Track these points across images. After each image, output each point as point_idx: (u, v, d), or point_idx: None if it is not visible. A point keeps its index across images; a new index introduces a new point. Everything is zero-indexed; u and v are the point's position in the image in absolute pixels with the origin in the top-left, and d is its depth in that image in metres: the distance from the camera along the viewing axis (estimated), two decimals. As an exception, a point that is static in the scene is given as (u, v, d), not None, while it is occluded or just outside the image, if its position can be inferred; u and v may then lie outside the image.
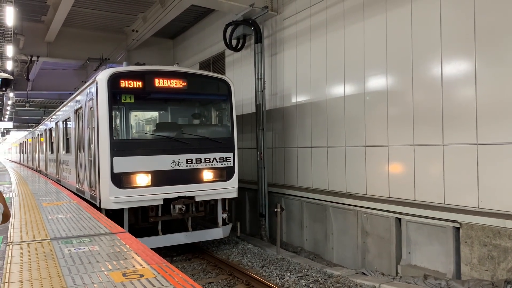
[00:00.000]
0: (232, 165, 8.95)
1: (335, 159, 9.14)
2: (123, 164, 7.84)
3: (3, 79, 9.67)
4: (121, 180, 7.78)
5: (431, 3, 6.99)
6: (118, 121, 8.41)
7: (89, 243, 4.24)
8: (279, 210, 9.07)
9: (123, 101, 8.14)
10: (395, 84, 7.71)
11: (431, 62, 7.01)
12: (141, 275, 3.12)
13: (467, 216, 6.27)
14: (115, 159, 7.77)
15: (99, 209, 7.62)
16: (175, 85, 8.47)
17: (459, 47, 6.60)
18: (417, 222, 7.06)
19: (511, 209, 5.94)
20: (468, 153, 6.45)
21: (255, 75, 10.94)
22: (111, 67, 8.74)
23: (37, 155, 20.84)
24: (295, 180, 10.49)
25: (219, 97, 9.38)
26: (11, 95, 20.82)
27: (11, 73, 13.58)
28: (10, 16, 8.93)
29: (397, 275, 7.26)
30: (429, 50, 7.03)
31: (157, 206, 8.20)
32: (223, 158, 8.82)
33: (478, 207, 6.32)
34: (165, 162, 8.17)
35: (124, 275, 3.15)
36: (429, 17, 7.03)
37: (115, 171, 7.75)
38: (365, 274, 7.51)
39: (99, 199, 7.95)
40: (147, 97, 8.71)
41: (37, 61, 16.03)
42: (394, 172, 7.74)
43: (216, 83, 9.21)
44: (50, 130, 15.70)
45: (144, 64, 9.25)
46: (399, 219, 7.38)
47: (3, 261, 3.65)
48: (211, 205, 9.12)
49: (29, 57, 15.63)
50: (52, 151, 15.06)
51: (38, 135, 20.31)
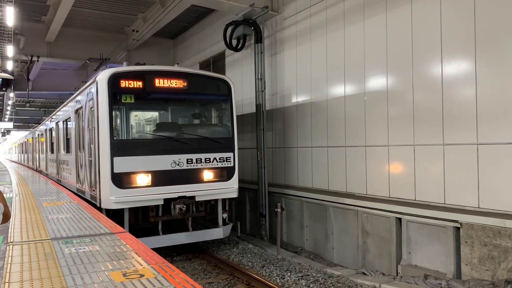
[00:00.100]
0: (232, 165, 8.95)
1: (336, 159, 9.14)
2: (124, 164, 7.85)
3: (3, 79, 9.68)
4: (121, 180, 7.78)
5: (431, 3, 6.99)
6: (118, 121, 8.42)
7: (89, 243, 4.24)
8: (279, 210, 9.08)
9: (123, 101, 8.14)
10: (395, 84, 7.70)
11: (431, 62, 7.01)
12: (142, 275, 3.13)
13: (468, 216, 6.27)
14: (115, 159, 7.78)
15: (99, 209, 7.62)
16: (175, 85, 8.47)
17: (459, 47, 6.60)
18: (417, 222, 7.06)
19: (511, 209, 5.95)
20: (468, 153, 6.45)
21: (255, 75, 10.94)
22: (111, 67, 8.75)
23: (37, 155, 20.85)
24: (295, 180, 10.49)
25: (219, 97, 9.39)
26: (12, 95, 20.83)
27: (12, 73, 13.58)
28: (10, 16, 8.93)
29: (397, 275, 7.26)
30: (429, 50, 7.03)
31: (158, 206, 8.21)
32: (223, 158, 8.82)
33: (478, 207, 6.31)
34: (166, 162, 8.18)
35: (124, 275, 3.15)
36: (429, 17, 7.03)
37: (115, 171, 7.76)
38: (365, 274, 7.51)
39: (100, 199, 7.95)
40: (148, 97, 8.72)
41: (38, 61, 16.04)
42: (394, 172, 7.74)
43: (216, 83, 9.21)
44: (50, 130, 15.71)
45: (144, 64, 9.24)
46: (400, 219, 7.38)
47: (4, 261, 3.66)
48: (211, 205, 9.13)
49: (30, 57, 15.63)
50: (52, 151, 15.07)
51: (38, 135, 20.32)
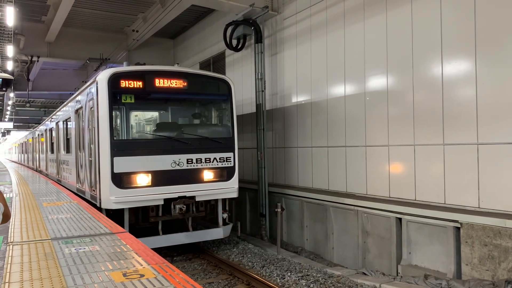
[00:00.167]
0: (232, 165, 8.95)
1: (336, 159, 9.13)
2: (124, 164, 7.84)
3: (3, 79, 9.68)
4: (121, 180, 7.78)
5: (432, 3, 6.98)
6: (118, 121, 8.41)
7: (89, 243, 4.24)
8: (279, 210, 9.08)
9: (123, 101, 8.14)
10: (396, 84, 7.70)
11: (432, 62, 7.01)
12: (142, 275, 3.12)
13: (468, 216, 6.27)
14: (115, 159, 7.78)
15: (99, 209, 7.62)
16: (176, 85, 8.47)
17: (459, 47, 6.60)
18: (417, 222, 7.06)
19: (512, 209, 5.95)
20: (468, 153, 6.45)
21: (256, 75, 10.93)
22: (112, 67, 8.74)
23: (37, 155, 20.85)
24: (295, 180, 10.48)
25: (219, 97, 9.39)
26: (12, 95, 20.83)
27: (12, 73, 13.59)
28: (10, 16, 8.93)
29: (397, 275, 7.26)
30: (430, 50, 7.03)
31: (158, 206, 8.21)
32: (224, 158, 8.82)
33: (478, 207, 6.31)
34: (166, 162, 8.17)
35: (124, 275, 3.15)
36: (429, 17, 7.03)
37: (115, 171, 7.76)
38: (365, 274, 7.51)
39: (100, 199, 7.95)
40: (148, 97, 8.71)
41: (38, 61, 16.03)
42: (394, 172, 7.74)
43: (216, 83, 9.21)
44: (50, 130, 15.71)
45: (144, 64, 9.24)
46: (400, 219, 7.38)
47: (4, 261, 3.66)
48: (211, 205, 9.12)
49: (30, 57, 15.63)
50: (52, 151, 15.07)
51: (38, 135, 20.32)
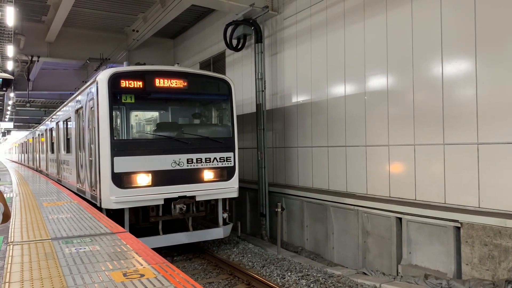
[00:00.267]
0: (232, 165, 8.95)
1: (336, 159, 9.13)
2: (124, 164, 7.85)
3: (3, 79, 9.68)
4: (121, 180, 7.78)
5: (432, 2, 6.98)
6: (118, 121, 8.41)
7: (89, 243, 4.24)
8: (279, 210, 9.08)
9: (123, 101, 8.14)
10: (396, 83, 7.70)
11: (432, 61, 7.00)
12: (142, 275, 3.12)
13: (468, 215, 6.27)
14: (115, 159, 7.78)
15: (99, 209, 7.62)
16: (176, 85, 8.47)
17: (459, 47, 6.59)
18: (417, 221, 7.06)
19: (512, 208, 5.95)
20: (468, 152, 6.44)
21: (256, 75, 10.93)
22: (112, 67, 8.74)
23: (37, 155, 20.85)
24: (295, 180, 10.48)
25: (219, 97, 9.39)
26: (12, 95, 20.83)
27: (12, 73, 13.58)
28: (10, 16, 8.93)
29: (397, 275, 7.26)
30: (430, 49, 7.02)
31: (158, 206, 8.22)
32: (224, 158, 8.82)
33: (479, 207, 6.31)
34: (166, 162, 8.17)
35: (124, 275, 3.15)
36: (429, 16, 7.03)
37: (115, 171, 7.76)
38: (365, 274, 7.51)
39: (100, 199, 7.95)
40: (148, 97, 8.71)
41: (38, 61, 16.03)
42: (394, 171, 7.74)
43: (216, 83, 9.21)
44: (50, 130, 15.71)
45: (144, 64, 9.24)
46: (400, 219, 7.37)
47: (4, 261, 3.66)
48: (211, 205, 9.13)
49: (30, 57, 15.63)
50: (52, 151, 15.07)
51: (38, 135, 20.32)
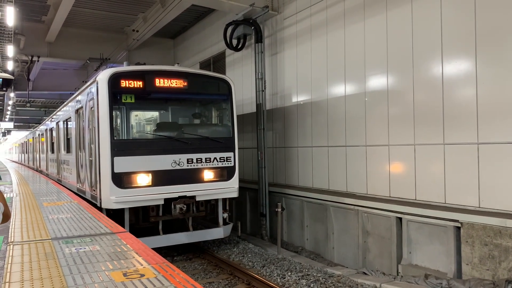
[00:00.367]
0: (232, 164, 8.95)
1: (336, 159, 9.13)
2: (124, 164, 7.85)
3: (3, 79, 9.68)
4: (121, 180, 7.78)
5: (432, 2, 6.98)
6: (118, 121, 8.41)
7: (89, 243, 4.24)
8: (279, 209, 9.08)
9: (123, 101, 8.14)
10: (396, 83, 7.70)
11: (432, 61, 7.00)
12: (142, 275, 3.12)
13: (468, 215, 6.27)
14: (115, 159, 7.78)
15: (99, 209, 7.62)
16: (176, 85, 8.47)
17: (459, 47, 6.59)
18: (418, 221, 7.06)
19: (512, 208, 5.94)
20: (469, 152, 6.44)
21: (256, 74, 10.93)
22: (112, 67, 8.74)
23: (38, 155, 20.86)
24: (295, 179, 10.48)
25: (219, 97, 9.39)
26: (12, 95, 20.83)
27: (12, 73, 13.58)
28: (10, 16, 8.92)
29: (398, 275, 7.26)
30: (430, 49, 7.02)
31: (158, 206, 8.22)
32: (224, 157, 8.82)
33: (479, 207, 6.31)
34: (166, 162, 8.17)
35: (124, 274, 3.15)
36: (429, 16, 7.02)
37: (115, 171, 7.76)
38: (366, 273, 7.51)
39: (100, 199, 7.95)
40: (148, 97, 8.71)
41: (38, 61, 16.03)
42: (394, 171, 7.74)
43: (216, 82, 9.21)
44: (51, 130, 15.71)
45: (144, 64, 9.24)
46: (400, 219, 7.37)
47: (4, 261, 3.66)
48: (211, 204, 9.13)
49: (30, 57, 15.63)
50: (53, 151, 15.07)
51: (38, 135, 20.33)
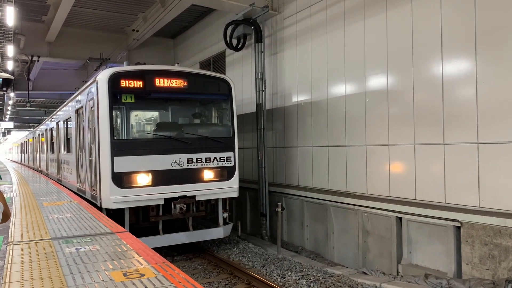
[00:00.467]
0: (232, 164, 8.95)
1: (336, 159, 9.13)
2: (124, 163, 7.85)
3: (3, 79, 9.68)
4: (121, 179, 7.78)
5: (432, 2, 6.97)
6: (118, 120, 8.41)
7: (90, 242, 4.24)
8: (279, 209, 9.08)
9: (123, 101, 8.14)
10: (396, 83, 7.70)
11: (432, 61, 7.00)
12: (142, 275, 3.12)
13: (468, 215, 6.27)
14: (115, 158, 7.78)
15: (99, 208, 7.62)
16: (176, 84, 8.47)
17: (459, 47, 6.59)
18: (418, 221, 7.06)
19: (512, 208, 5.94)
20: (469, 152, 6.44)
21: (256, 74, 10.93)
22: (112, 67, 8.74)
23: (38, 155, 20.86)
24: (295, 179, 10.48)
25: (219, 97, 9.39)
26: (12, 95, 20.83)
27: (12, 73, 13.57)
28: (10, 16, 8.92)
29: (398, 275, 7.26)
30: (430, 49, 7.02)
31: (158, 205, 8.22)
32: (224, 157, 8.82)
33: (479, 206, 6.31)
34: (166, 161, 8.17)
35: (125, 274, 3.15)
36: (429, 16, 7.02)
37: (115, 170, 7.76)
38: (366, 273, 7.52)
39: (100, 199, 7.95)
40: (148, 97, 8.71)
41: (38, 61, 16.02)
42: (394, 171, 7.74)
43: (216, 82, 9.21)
44: (51, 130, 15.71)
45: (144, 63, 9.23)
46: (400, 218, 7.38)
47: (4, 260, 3.66)
48: (211, 204, 9.13)
49: (30, 57, 15.62)
50: (53, 151, 15.07)
51: (39, 135, 20.33)
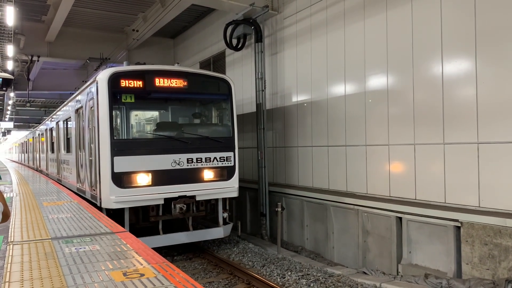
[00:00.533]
0: (232, 164, 8.95)
1: (336, 158, 9.13)
2: (124, 163, 7.84)
3: (3, 79, 9.67)
4: (121, 179, 7.78)
5: (432, 2, 6.97)
6: (118, 120, 8.41)
7: (89, 242, 4.24)
8: (279, 209, 9.08)
9: (123, 101, 8.14)
10: (396, 83, 7.70)
11: (432, 61, 7.00)
12: (142, 275, 3.12)
13: (468, 215, 6.27)
14: (115, 158, 7.78)
15: (99, 208, 7.62)
16: (176, 84, 8.47)
17: (459, 47, 6.59)
18: (418, 221, 7.06)
19: (512, 208, 5.94)
20: (468, 152, 6.44)
21: (256, 74, 10.93)
22: (112, 67, 8.74)
23: (37, 155, 20.86)
24: (295, 179, 10.48)
25: (219, 97, 9.39)
26: (12, 95, 20.82)
27: (12, 73, 13.56)
28: (10, 16, 8.92)
29: (398, 274, 7.26)
30: (430, 49, 7.02)
31: (158, 205, 8.22)
32: (224, 157, 8.82)
33: (479, 206, 6.31)
34: (166, 161, 8.17)
35: (124, 274, 3.15)
36: (429, 16, 7.02)
37: (115, 170, 7.76)
38: (366, 273, 7.52)
39: (100, 199, 7.95)
40: (148, 97, 8.71)
41: (38, 61, 16.02)
42: (394, 171, 7.74)
43: (216, 82, 9.21)
44: (50, 130, 15.71)
45: (144, 63, 9.22)
46: (400, 218, 7.38)
47: (4, 260, 3.66)
48: (211, 204, 9.13)
49: (30, 57, 15.61)
50: (52, 151, 15.07)
51: (38, 134, 20.33)
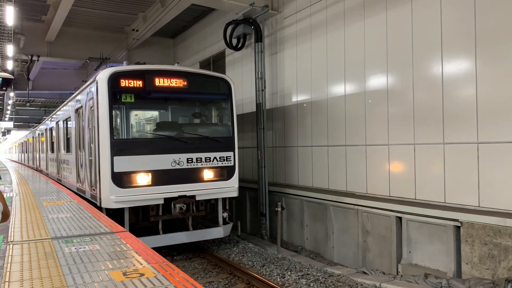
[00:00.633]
0: (232, 164, 8.95)
1: (336, 158, 9.13)
2: (124, 163, 7.84)
3: (3, 78, 9.67)
4: (121, 179, 7.78)
5: (432, 2, 6.97)
6: (118, 120, 8.41)
7: (89, 242, 4.24)
8: (279, 209, 9.08)
9: (123, 101, 8.14)
10: (396, 83, 7.70)
11: (432, 61, 7.00)
12: (142, 274, 3.12)
13: (468, 215, 6.27)
14: (115, 158, 7.78)
15: (99, 208, 7.63)
16: (176, 84, 8.47)
17: (459, 46, 6.59)
18: (417, 221, 7.06)
19: (512, 208, 5.95)
20: (468, 152, 6.44)
21: (256, 74, 10.93)
22: (112, 67, 8.74)
23: (37, 155, 20.86)
24: (295, 179, 10.48)
25: (219, 96, 9.39)
26: (12, 94, 20.82)
27: (12, 73, 13.56)
28: (10, 15, 8.91)
29: (397, 274, 7.27)
30: (430, 49, 7.02)
31: (158, 205, 8.22)
32: (224, 157, 8.82)
33: (478, 206, 6.31)
34: (166, 161, 8.17)
35: (124, 274, 3.15)
36: (429, 16, 7.02)
37: (115, 170, 7.76)
38: (365, 273, 7.52)
39: (100, 199, 7.95)
40: (148, 96, 8.71)
41: (38, 60, 16.02)
42: (394, 171, 7.74)
43: (216, 82, 9.21)
44: (50, 129, 15.71)
45: (144, 63, 9.23)
46: (400, 218, 7.38)
47: (4, 260, 3.66)
48: (211, 204, 9.13)
49: (30, 57, 15.61)
50: (52, 151, 15.07)
51: (38, 134, 20.33)
